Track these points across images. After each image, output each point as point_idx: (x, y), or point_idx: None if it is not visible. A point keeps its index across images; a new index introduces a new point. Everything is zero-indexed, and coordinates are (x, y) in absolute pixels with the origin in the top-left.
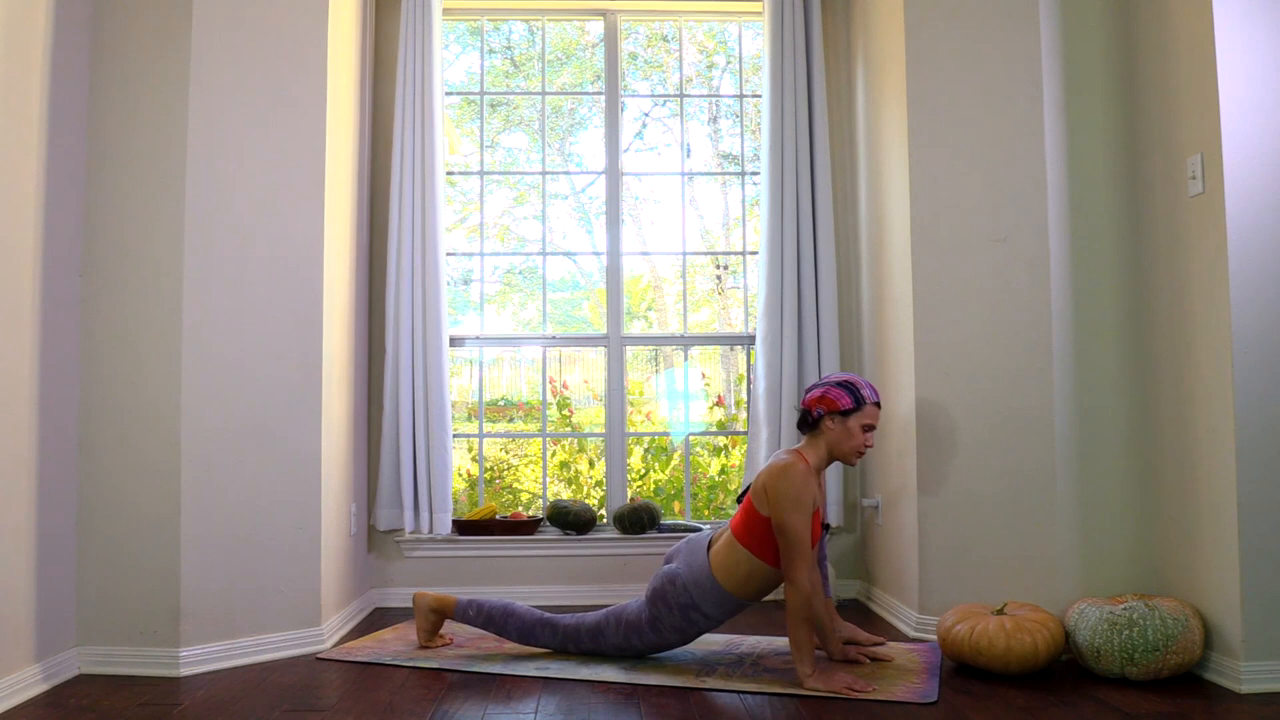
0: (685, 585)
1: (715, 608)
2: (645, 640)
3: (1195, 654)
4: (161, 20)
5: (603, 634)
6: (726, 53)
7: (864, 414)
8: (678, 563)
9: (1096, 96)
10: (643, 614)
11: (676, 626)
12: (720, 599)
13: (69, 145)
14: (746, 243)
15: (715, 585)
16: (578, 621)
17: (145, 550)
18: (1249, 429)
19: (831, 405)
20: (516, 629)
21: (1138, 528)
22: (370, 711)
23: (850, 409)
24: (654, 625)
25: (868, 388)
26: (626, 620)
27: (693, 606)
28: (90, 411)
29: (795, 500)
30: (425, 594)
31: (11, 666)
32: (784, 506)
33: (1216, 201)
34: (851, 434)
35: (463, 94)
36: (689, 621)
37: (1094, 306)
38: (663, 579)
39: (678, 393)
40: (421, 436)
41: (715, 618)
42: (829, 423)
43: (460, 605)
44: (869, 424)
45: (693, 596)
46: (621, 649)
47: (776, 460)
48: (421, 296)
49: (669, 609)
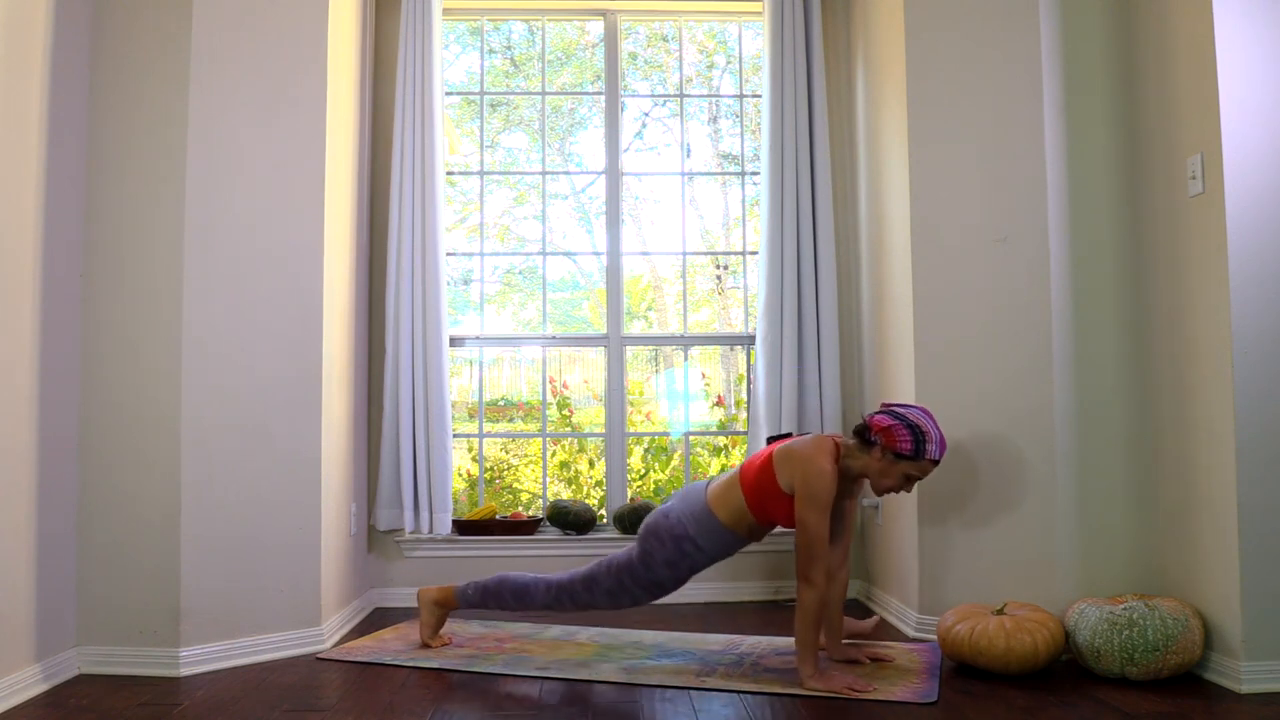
0: (680, 517)
1: (707, 539)
2: (637, 579)
3: (1195, 654)
4: (161, 20)
5: (595, 581)
6: (726, 53)
7: (916, 466)
8: (670, 503)
9: (1096, 96)
10: (633, 553)
11: (668, 560)
12: (713, 530)
13: (69, 146)
14: (746, 243)
15: (709, 515)
16: (570, 575)
17: (145, 550)
18: (1249, 429)
19: (890, 441)
20: (512, 594)
21: (1138, 528)
22: (370, 711)
23: (906, 455)
24: (645, 561)
25: (937, 444)
26: (617, 564)
27: (685, 537)
28: (90, 411)
29: (816, 500)
30: (428, 588)
31: (11, 666)
32: (806, 504)
33: (1216, 201)
34: (891, 475)
35: (463, 94)
36: (681, 553)
37: (1094, 306)
38: (656, 515)
39: (678, 393)
40: (421, 436)
41: (706, 551)
42: (878, 453)
43: (459, 590)
44: (915, 476)
45: (686, 527)
46: (615, 594)
47: (815, 450)
48: (421, 296)
49: (661, 542)
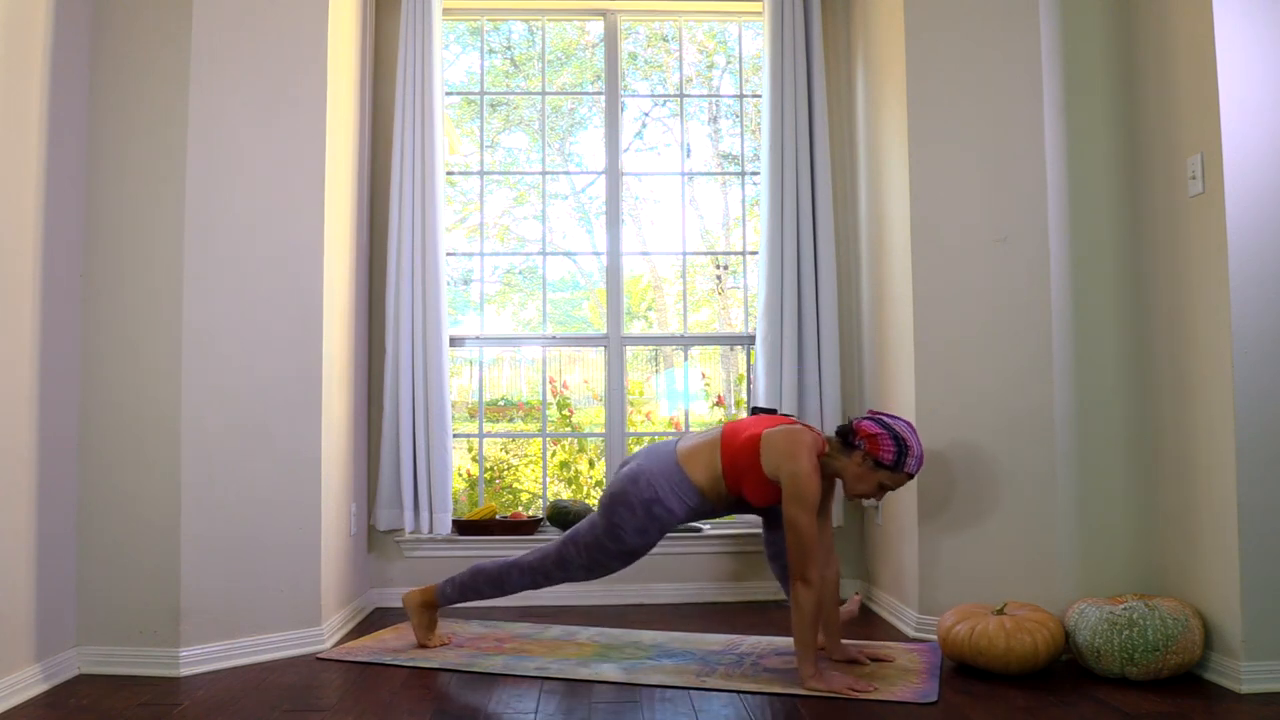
0: (650, 479)
1: (678, 501)
2: (609, 553)
3: (1195, 654)
4: (161, 20)
5: (567, 561)
6: (726, 53)
7: (893, 476)
8: (636, 463)
9: (1096, 96)
10: (597, 528)
11: (639, 527)
12: (686, 492)
13: (69, 145)
14: (746, 243)
15: (682, 475)
16: (541, 557)
17: (145, 550)
18: (1249, 429)
19: (874, 448)
20: (488, 583)
21: (1138, 528)
22: (370, 711)
23: (886, 464)
24: (613, 533)
25: (917, 460)
26: (584, 541)
27: (656, 500)
28: (90, 411)
29: (805, 500)
30: (411, 592)
31: (11, 666)
32: (794, 504)
33: (1216, 201)
34: (866, 481)
35: (463, 94)
36: (651, 517)
37: (1094, 306)
38: (622, 481)
39: (678, 393)
40: (421, 436)
41: (676, 513)
42: (858, 457)
43: (438, 589)
44: (889, 486)
45: (656, 490)
46: (590, 569)
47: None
48: (421, 296)
49: (630, 509)
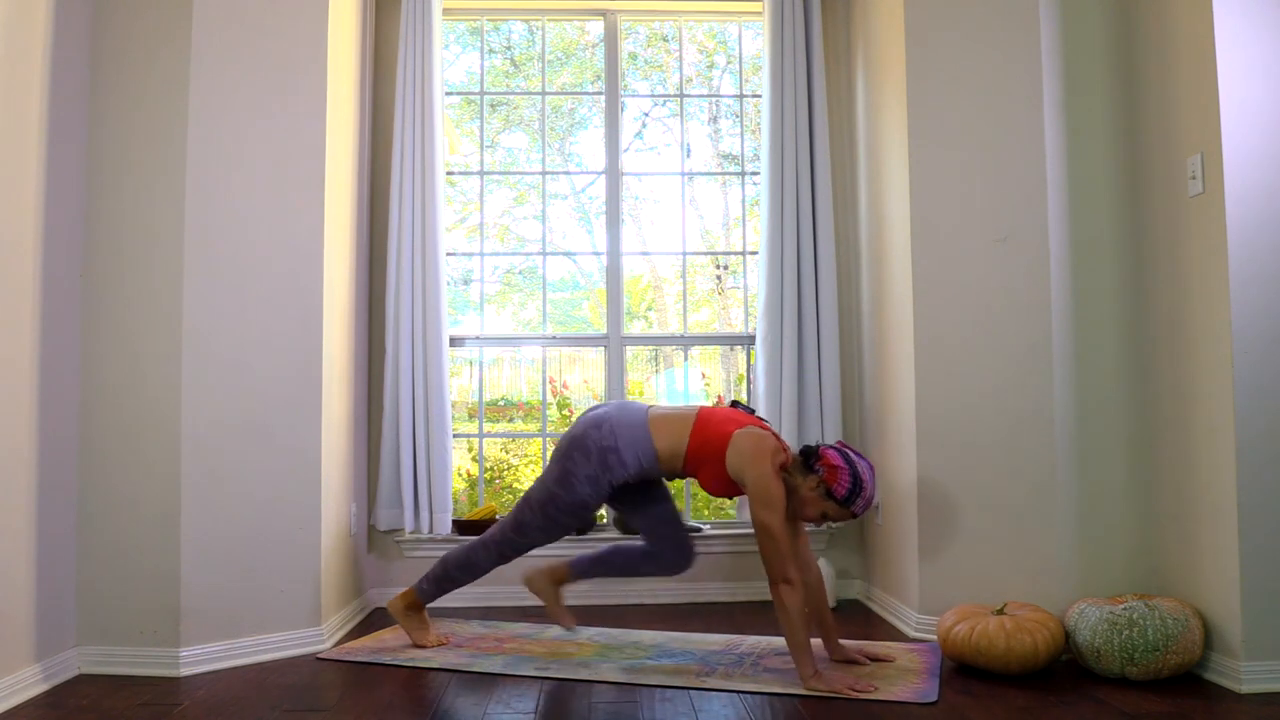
0: (613, 428)
1: (633, 457)
2: (560, 504)
3: (1195, 654)
4: (161, 20)
5: (524, 525)
6: (726, 53)
7: (837, 510)
8: (604, 411)
9: (1096, 96)
10: (549, 481)
11: (590, 475)
12: (645, 454)
13: (69, 145)
14: (746, 243)
15: (648, 438)
16: (499, 526)
17: (145, 550)
18: (1249, 429)
19: (831, 479)
20: (458, 569)
21: (1138, 528)
22: (370, 711)
23: (836, 498)
24: (564, 480)
25: (864, 501)
26: (537, 499)
27: (613, 449)
28: (90, 411)
29: (772, 503)
30: (394, 601)
31: (11, 666)
32: (763, 508)
33: (1216, 201)
34: (813, 506)
35: (463, 94)
36: (604, 466)
37: (1094, 306)
38: (585, 425)
39: (678, 393)
40: (421, 436)
41: (628, 467)
42: (813, 481)
43: (416, 588)
44: (831, 518)
45: (617, 439)
46: (547, 529)
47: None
48: (421, 296)
49: (585, 455)
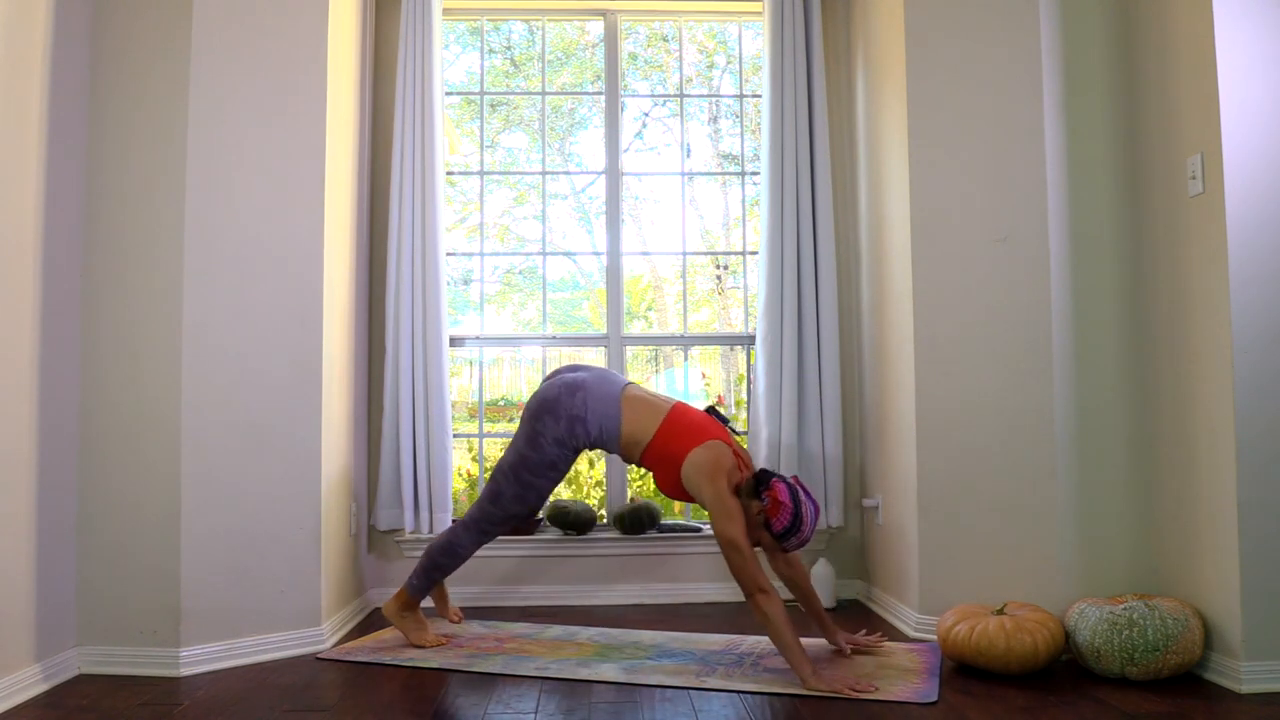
0: (585, 397)
1: (597, 428)
2: (532, 467)
3: (1195, 654)
4: (161, 20)
5: (499, 494)
6: (726, 53)
7: (770, 540)
8: (581, 377)
9: (1096, 96)
10: (519, 444)
11: (557, 437)
12: (608, 427)
13: (69, 146)
14: (746, 243)
15: (616, 413)
16: (477, 505)
17: (145, 550)
18: (1249, 429)
19: (772, 512)
20: (443, 554)
21: (1138, 528)
22: (370, 711)
23: (772, 530)
24: (534, 441)
25: (797, 542)
26: (508, 465)
27: (580, 419)
28: (90, 411)
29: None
30: (388, 604)
31: (11, 666)
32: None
33: (1216, 201)
34: (752, 530)
35: (463, 94)
36: (571, 433)
37: (1094, 306)
38: (558, 388)
39: (678, 393)
40: (421, 436)
41: (590, 436)
42: (756, 507)
43: (406, 586)
44: (765, 544)
45: (587, 409)
46: (522, 497)
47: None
48: (421, 296)
49: (556, 420)
